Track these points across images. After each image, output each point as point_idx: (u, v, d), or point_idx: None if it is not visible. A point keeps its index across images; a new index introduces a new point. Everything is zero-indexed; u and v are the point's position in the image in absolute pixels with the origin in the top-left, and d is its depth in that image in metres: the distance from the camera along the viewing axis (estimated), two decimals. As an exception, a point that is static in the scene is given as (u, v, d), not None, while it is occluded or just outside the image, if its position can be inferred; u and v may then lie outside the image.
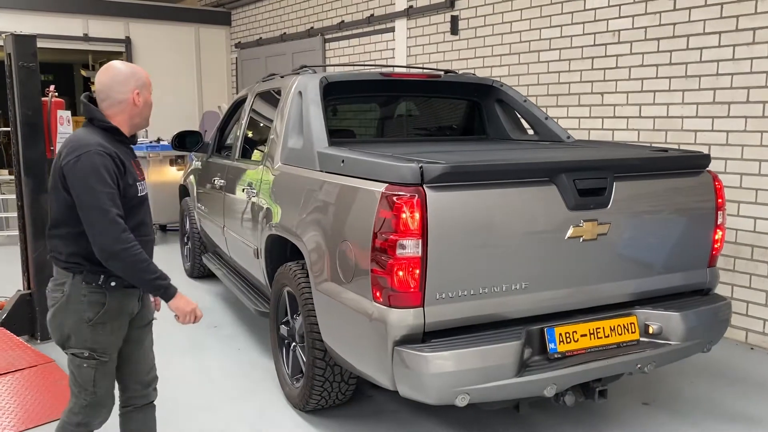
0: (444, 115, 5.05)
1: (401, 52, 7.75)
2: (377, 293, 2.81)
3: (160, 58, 11.10)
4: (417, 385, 2.76)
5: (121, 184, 2.45)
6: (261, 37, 10.71)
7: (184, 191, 6.92)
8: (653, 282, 3.28)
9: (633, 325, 3.17)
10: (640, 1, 5.30)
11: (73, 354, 2.53)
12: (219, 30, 11.72)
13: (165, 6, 11.33)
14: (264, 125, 4.68)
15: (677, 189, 3.32)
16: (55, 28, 10.05)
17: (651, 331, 3.19)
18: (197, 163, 6.28)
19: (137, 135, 2.88)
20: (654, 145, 5.07)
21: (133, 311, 2.66)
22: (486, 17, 6.66)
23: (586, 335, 3.05)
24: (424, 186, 2.72)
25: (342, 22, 8.73)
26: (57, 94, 4.91)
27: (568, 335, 3.01)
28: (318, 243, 3.30)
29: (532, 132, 4.71)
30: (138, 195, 2.58)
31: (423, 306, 2.76)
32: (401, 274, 2.73)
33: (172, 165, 8.45)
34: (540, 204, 2.95)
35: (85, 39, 10.50)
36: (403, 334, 2.76)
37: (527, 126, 4.82)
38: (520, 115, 4.73)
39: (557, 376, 2.89)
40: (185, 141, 5.82)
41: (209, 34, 11.62)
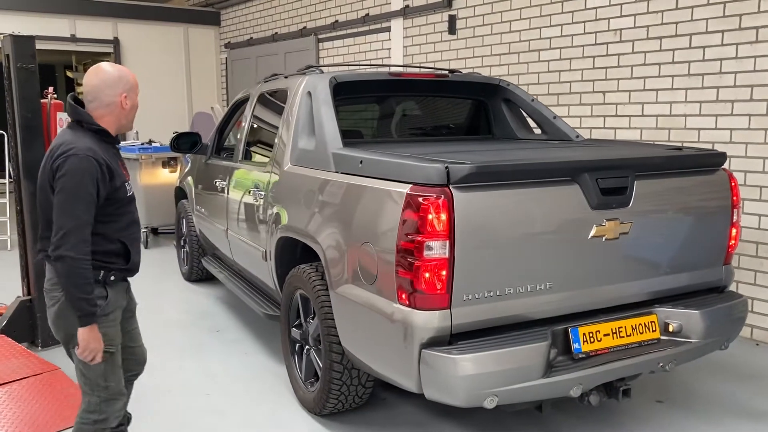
0: (450, 115, 5.02)
1: (397, 52, 7.73)
2: (402, 295, 2.78)
3: (148, 58, 10.97)
4: (445, 388, 2.73)
5: (105, 190, 2.50)
6: (252, 37, 10.62)
7: (180, 193, 6.83)
8: (672, 280, 3.28)
9: (653, 324, 3.17)
10: (641, 0, 5.32)
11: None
12: (208, 30, 11.61)
13: (153, 6, 11.20)
14: (270, 126, 4.63)
15: (695, 187, 3.33)
16: (42, 28, 9.86)
17: (671, 330, 3.20)
18: (195, 165, 6.19)
19: (120, 135, 2.95)
20: (658, 143, 5.08)
21: (124, 304, 2.77)
22: (484, 16, 6.65)
23: (608, 335, 3.05)
24: (450, 186, 2.69)
25: (336, 21, 8.68)
26: (56, 95, 4.82)
27: (591, 335, 3.00)
28: (336, 245, 3.26)
29: (539, 131, 4.70)
30: (127, 195, 2.66)
31: (450, 308, 2.73)
32: (428, 275, 2.70)
33: (164, 167, 8.33)
34: (563, 204, 2.94)
35: (73, 40, 10.34)
36: (430, 336, 2.73)
37: (534, 125, 4.82)
38: (527, 115, 4.73)
39: (583, 376, 2.88)
40: (185, 143, 5.76)
41: (198, 34, 11.51)
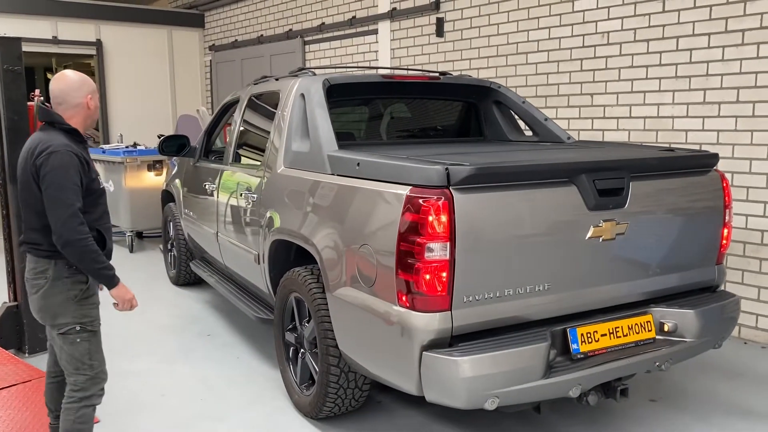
0: (441, 117, 5.03)
1: (385, 54, 7.73)
2: (403, 297, 2.78)
3: (132, 61, 10.87)
4: (446, 390, 2.73)
5: (85, 180, 2.75)
6: (236, 40, 10.57)
7: (167, 197, 6.76)
8: (667, 280, 3.31)
9: (649, 324, 3.20)
10: (629, 3, 5.38)
11: (65, 332, 2.79)
12: (192, 32, 11.53)
13: (136, 8, 11.09)
14: (261, 128, 4.60)
15: (688, 188, 3.36)
16: (23, 30, 9.70)
17: (666, 329, 3.23)
18: (183, 168, 6.14)
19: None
20: (647, 145, 5.14)
21: (98, 291, 2.97)
22: (472, 19, 6.68)
23: (606, 335, 3.07)
24: (450, 188, 2.69)
25: (322, 24, 8.66)
26: (43, 98, 4.75)
27: (589, 335, 3.02)
28: (333, 247, 3.25)
29: (530, 133, 4.73)
30: (100, 187, 2.89)
31: (450, 309, 2.73)
32: (428, 277, 2.69)
33: (150, 170, 8.24)
34: (561, 205, 2.95)
35: (55, 42, 10.20)
36: (431, 338, 2.73)
37: (524, 127, 4.84)
38: (518, 117, 4.75)
39: (582, 376, 2.89)
40: (172, 146, 5.71)
41: (182, 36, 11.42)
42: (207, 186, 5.20)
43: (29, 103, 4.62)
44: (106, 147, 8.75)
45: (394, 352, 2.89)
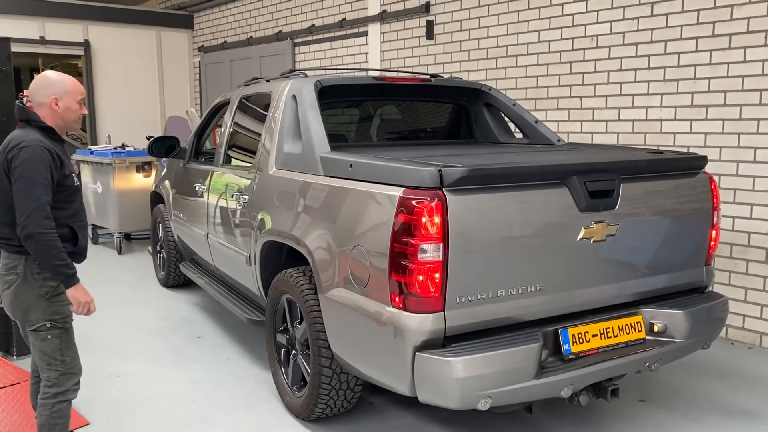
0: (432, 119, 5.05)
1: (375, 56, 7.74)
2: (396, 298, 2.78)
3: (120, 62, 10.80)
4: (440, 391, 2.74)
5: (57, 175, 2.76)
6: (226, 41, 10.54)
7: (156, 198, 6.73)
8: (657, 281, 3.35)
9: (639, 324, 3.23)
10: (617, 7, 5.43)
11: (36, 329, 2.82)
12: (181, 33, 11.47)
13: (125, 8, 11.02)
14: (252, 130, 4.59)
15: (677, 190, 3.40)
16: (10, 30, 9.61)
17: (656, 330, 3.26)
18: (172, 169, 6.11)
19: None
20: (636, 147, 5.18)
21: None
22: (462, 22, 6.71)
23: (597, 335, 3.09)
24: (443, 189, 2.71)
25: (312, 26, 8.66)
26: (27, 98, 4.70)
27: (580, 336, 3.04)
28: (326, 249, 3.25)
29: (520, 135, 4.75)
30: (74, 185, 2.91)
31: (443, 310, 2.74)
32: (421, 278, 2.70)
33: (138, 171, 8.19)
34: (553, 206, 2.97)
35: (42, 42, 10.11)
36: (424, 339, 2.74)
37: (515, 129, 4.87)
38: (509, 119, 4.78)
39: (574, 376, 2.91)
40: (162, 147, 5.68)
41: (171, 37, 11.36)
42: (197, 187, 5.18)
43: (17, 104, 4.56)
44: (94, 148, 8.69)
45: (386, 353, 2.89)
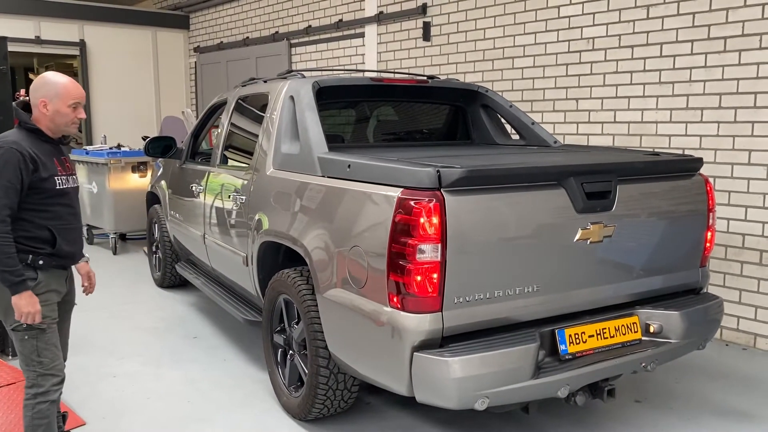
0: (429, 120, 5.06)
1: (371, 58, 7.75)
2: (394, 298, 2.79)
3: (116, 62, 10.78)
4: (437, 391, 2.75)
5: (28, 178, 2.72)
6: (222, 42, 10.53)
7: (152, 198, 6.72)
8: (653, 282, 3.37)
9: (635, 325, 3.25)
10: (613, 10, 5.45)
11: (14, 329, 2.81)
12: (177, 34, 11.46)
13: (121, 8, 11.00)
14: (249, 130, 4.59)
15: (673, 191, 3.42)
16: (5, 29, 9.56)
17: (652, 330, 3.28)
18: (169, 169, 6.10)
19: (68, 136, 3.05)
20: (632, 149, 5.20)
21: (62, 291, 2.97)
22: (459, 24, 6.73)
23: (593, 336, 3.11)
24: (441, 190, 2.72)
25: (309, 27, 8.67)
26: (29, 98, 4.69)
27: (577, 336, 3.06)
28: (324, 249, 3.26)
29: (517, 137, 4.77)
30: (56, 188, 2.84)
31: (441, 311, 2.75)
32: (419, 279, 2.71)
33: (134, 172, 8.18)
34: (550, 207, 2.99)
35: (38, 42, 10.07)
36: (422, 339, 2.75)
37: (512, 131, 4.89)
38: (506, 120, 4.79)
39: (570, 377, 2.93)
40: (158, 147, 5.68)
41: (167, 37, 11.34)
42: (194, 188, 5.18)
43: (15, 103, 4.56)
44: (89, 148, 8.67)
45: (384, 353, 2.90)
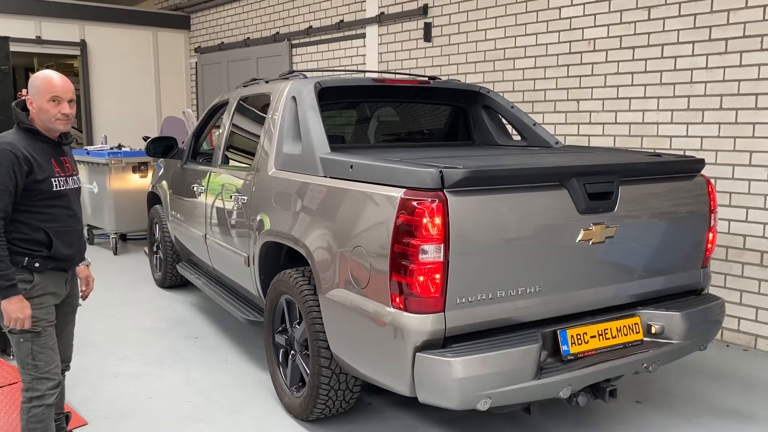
0: (430, 121, 5.07)
1: (372, 58, 7.75)
2: (396, 299, 2.80)
3: (117, 62, 10.78)
4: (439, 391, 2.75)
5: (22, 180, 2.70)
6: (223, 42, 10.54)
7: (153, 198, 6.72)
8: (654, 283, 3.37)
9: (637, 326, 3.25)
10: (615, 11, 5.46)
11: (11, 331, 2.78)
12: (178, 34, 11.46)
13: (121, 9, 11.00)
14: (251, 131, 4.60)
15: (675, 192, 3.42)
16: (6, 29, 9.57)
17: (653, 331, 3.28)
18: (170, 170, 6.10)
19: (69, 135, 2.98)
20: (633, 150, 5.21)
21: (61, 293, 2.93)
22: (460, 24, 6.73)
23: (595, 336, 3.11)
24: (444, 191, 2.72)
25: (310, 27, 8.67)
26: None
27: (579, 337, 3.06)
28: (326, 249, 3.26)
29: (519, 138, 4.78)
30: (52, 189, 2.80)
31: (444, 311, 2.76)
32: (422, 279, 2.72)
33: (134, 172, 8.18)
34: (552, 208, 2.99)
35: (38, 42, 10.08)
36: (425, 339, 2.75)
37: (513, 132, 4.89)
38: (507, 121, 4.80)
39: (572, 377, 2.93)
40: (159, 147, 5.68)
41: (168, 38, 11.35)
42: (195, 188, 5.18)
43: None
44: (90, 148, 8.67)
45: (387, 353, 2.90)
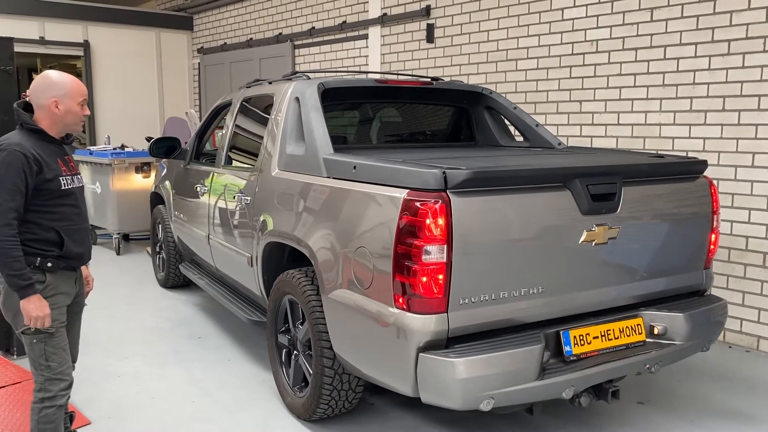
0: (433, 122, 5.08)
1: (375, 59, 7.77)
2: (400, 299, 2.80)
3: (120, 62, 10.81)
4: (442, 391, 2.76)
5: (33, 181, 2.70)
6: (225, 43, 10.56)
7: (156, 199, 6.73)
8: (657, 284, 3.38)
9: (639, 327, 3.26)
10: (617, 12, 5.47)
11: (23, 332, 2.80)
12: (180, 35, 11.48)
13: (125, 9, 11.03)
14: (254, 131, 4.61)
15: (677, 194, 3.43)
16: (9, 30, 9.59)
17: (656, 332, 3.29)
18: (173, 170, 6.11)
19: (72, 135, 3.04)
20: (636, 151, 5.21)
21: (71, 292, 2.95)
22: (462, 26, 6.74)
23: (598, 337, 3.12)
24: (447, 191, 2.73)
25: (313, 28, 8.68)
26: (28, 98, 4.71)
27: (582, 337, 3.07)
28: (329, 250, 3.27)
29: (521, 138, 4.78)
30: (61, 188, 2.81)
31: (447, 311, 2.76)
32: (425, 279, 2.73)
33: (137, 172, 8.20)
34: (555, 209, 3.00)
35: (42, 42, 10.10)
36: (428, 340, 2.76)
37: (516, 132, 4.90)
38: (509, 122, 4.81)
39: (575, 378, 2.94)
40: (162, 147, 5.70)
41: (170, 38, 11.37)
42: (198, 188, 5.19)
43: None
44: (93, 149, 8.69)
45: (390, 353, 2.91)
